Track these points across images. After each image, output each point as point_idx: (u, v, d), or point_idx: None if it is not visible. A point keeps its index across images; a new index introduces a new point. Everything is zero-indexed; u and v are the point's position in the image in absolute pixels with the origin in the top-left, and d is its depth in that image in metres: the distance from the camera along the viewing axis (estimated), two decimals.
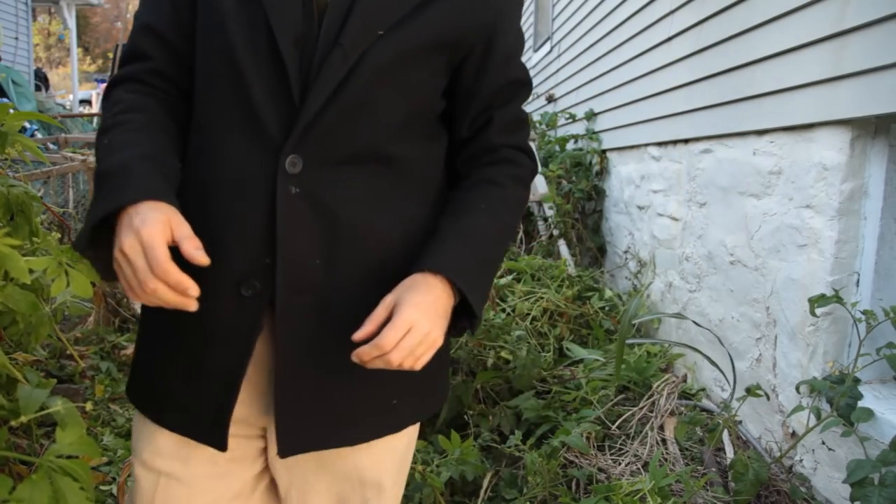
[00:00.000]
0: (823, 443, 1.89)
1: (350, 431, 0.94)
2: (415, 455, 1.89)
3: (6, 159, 1.86)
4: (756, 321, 2.28)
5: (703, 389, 2.65)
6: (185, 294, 0.77)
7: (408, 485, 1.84)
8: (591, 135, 4.26)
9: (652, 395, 2.36)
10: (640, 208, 3.48)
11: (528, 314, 2.95)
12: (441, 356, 0.92)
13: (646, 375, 2.52)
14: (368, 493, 1.00)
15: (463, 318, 0.90)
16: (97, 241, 0.83)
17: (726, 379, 2.39)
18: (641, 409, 2.31)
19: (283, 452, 0.91)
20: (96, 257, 0.85)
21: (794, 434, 2.04)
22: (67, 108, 11.28)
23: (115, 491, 1.90)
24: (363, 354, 0.81)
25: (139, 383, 0.99)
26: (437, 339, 0.84)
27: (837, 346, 1.91)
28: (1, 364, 1.05)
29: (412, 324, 0.81)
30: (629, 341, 2.65)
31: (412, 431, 1.05)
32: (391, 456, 1.02)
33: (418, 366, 0.83)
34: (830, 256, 1.90)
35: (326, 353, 0.90)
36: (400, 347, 0.81)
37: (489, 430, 2.25)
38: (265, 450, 1.00)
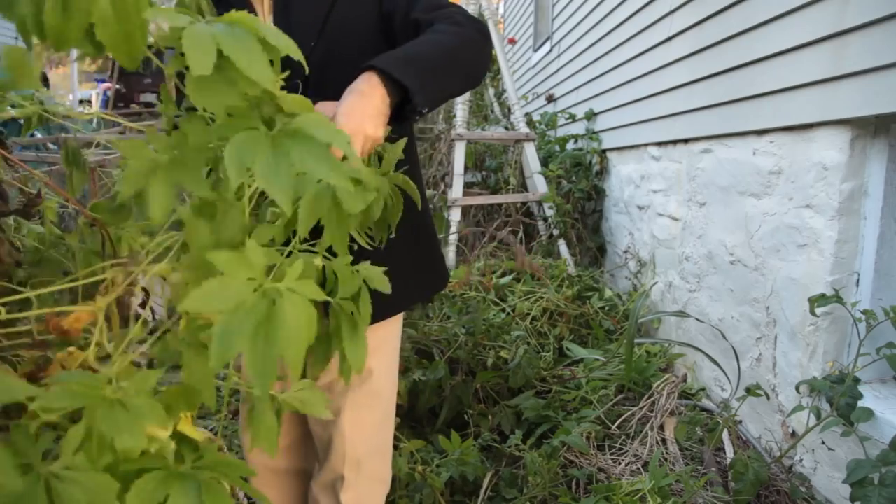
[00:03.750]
0: (823, 443, 1.89)
1: None
2: (415, 455, 1.89)
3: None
4: (756, 321, 2.28)
5: (703, 389, 2.65)
6: None
7: (407, 485, 1.84)
8: (591, 135, 4.26)
9: (652, 395, 2.36)
10: (640, 208, 3.48)
11: (528, 314, 2.96)
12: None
13: (646, 375, 2.52)
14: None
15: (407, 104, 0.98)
16: None
17: (727, 378, 2.39)
18: (641, 409, 2.31)
19: None
20: None
21: (794, 434, 2.04)
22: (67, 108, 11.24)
23: None
24: None
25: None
26: (372, 132, 0.91)
27: (837, 345, 1.91)
28: None
29: (341, 127, 0.87)
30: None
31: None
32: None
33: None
34: (830, 256, 1.89)
35: None
36: None
37: (489, 429, 2.25)
38: None
